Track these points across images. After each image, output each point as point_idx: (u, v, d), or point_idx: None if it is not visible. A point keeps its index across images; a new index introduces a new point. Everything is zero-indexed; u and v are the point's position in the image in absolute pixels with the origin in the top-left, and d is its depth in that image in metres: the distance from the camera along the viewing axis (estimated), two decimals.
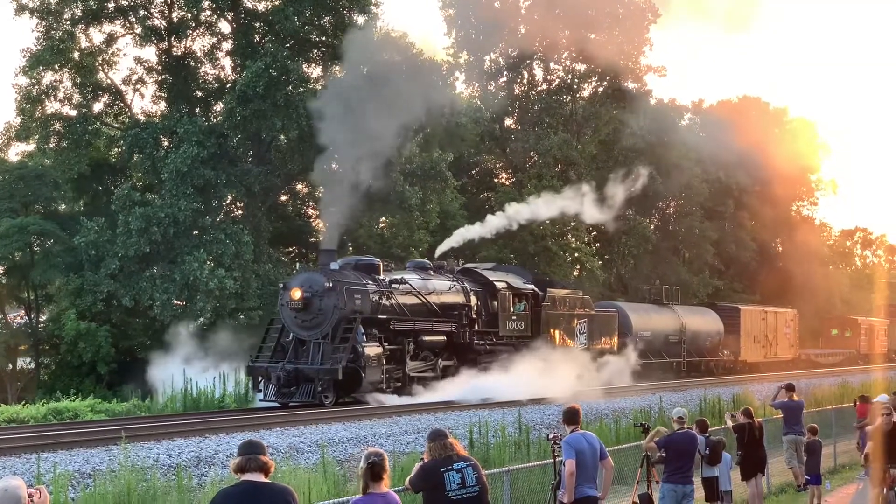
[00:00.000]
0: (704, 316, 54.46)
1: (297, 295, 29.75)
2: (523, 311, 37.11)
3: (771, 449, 21.03)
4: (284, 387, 28.99)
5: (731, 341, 55.15)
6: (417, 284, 33.32)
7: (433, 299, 33.55)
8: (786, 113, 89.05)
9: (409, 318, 32.20)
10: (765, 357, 58.41)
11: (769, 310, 61.14)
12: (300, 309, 29.83)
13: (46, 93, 45.65)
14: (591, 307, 41.49)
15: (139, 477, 16.27)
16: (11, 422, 28.33)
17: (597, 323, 41.31)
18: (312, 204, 54.29)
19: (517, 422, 24.44)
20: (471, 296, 35.12)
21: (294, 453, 19.43)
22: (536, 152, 61.46)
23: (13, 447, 18.66)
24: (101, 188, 49.15)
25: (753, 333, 57.32)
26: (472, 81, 63.57)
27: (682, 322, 51.01)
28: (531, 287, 38.02)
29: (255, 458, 7.37)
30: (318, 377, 28.75)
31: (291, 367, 29.13)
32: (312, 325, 29.91)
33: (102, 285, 41.97)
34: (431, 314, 33.31)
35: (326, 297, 29.74)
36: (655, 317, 49.76)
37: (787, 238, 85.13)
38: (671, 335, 50.11)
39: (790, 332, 62.70)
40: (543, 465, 15.34)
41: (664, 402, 30.16)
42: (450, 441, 9.24)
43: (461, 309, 34.24)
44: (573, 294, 40.80)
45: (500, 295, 36.09)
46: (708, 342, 53.61)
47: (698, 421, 17.55)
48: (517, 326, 36.68)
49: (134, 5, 46.84)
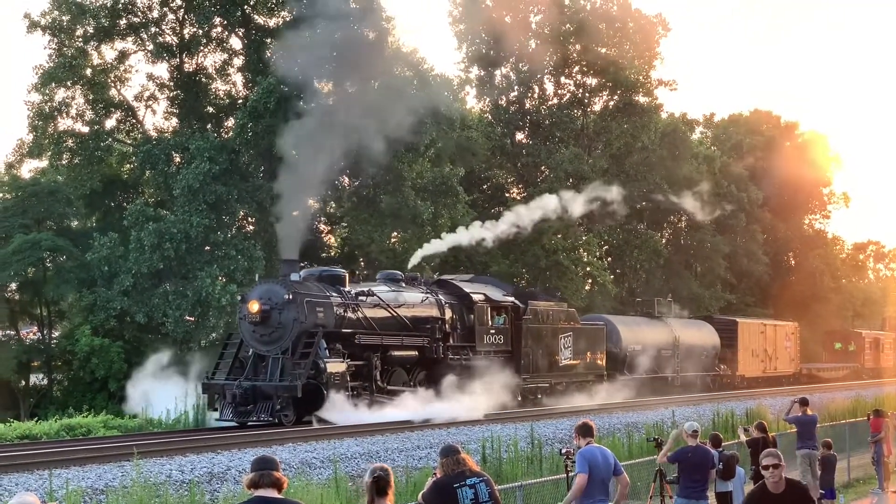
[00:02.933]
0: (700, 329, 52.47)
1: (255, 308, 28.03)
2: (502, 324, 35.40)
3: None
4: (241, 405, 27.33)
5: (728, 355, 53.42)
6: (387, 297, 31.67)
7: (404, 312, 31.82)
8: (797, 126, 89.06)
9: (376, 332, 30.44)
10: (763, 372, 56.88)
11: (768, 323, 59.87)
12: (258, 322, 28.10)
13: (59, 109, 45.88)
14: (576, 320, 40.00)
15: (152, 493, 16.26)
16: (24, 438, 28.34)
17: (583, 337, 39.72)
18: (324, 219, 54.37)
19: (529, 436, 24.38)
20: (445, 308, 33.46)
21: (306, 469, 19.41)
22: (547, 166, 61.51)
23: (26, 463, 18.67)
24: (114, 204, 49.30)
25: (752, 347, 55.62)
26: (483, 96, 63.65)
27: (675, 335, 48.88)
28: (511, 300, 36.36)
29: (268, 473, 7.36)
30: (277, 394, 27.04)
31: (249, 385, 27.48)
32: (272, 340, 28.20)
33: (115, 301, 42.07)
34: (402, 328, 31.58)
35: (286, 310, 28.04)
36: (647, 330, 47.68)
37: (799, 251, 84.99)
38: (664, 349, 47.84)
39: (791, 346, 61.19)
40: (556, 479, 15.29)
41: (677, 416, 30.08)
42: (462, 456, 9.21)
43: (434, 322, 32.49)
44: (557, 307, 39.19)
45: (476, 308, 34.40)
46: (703, 356, 51.38)
47: (711, 435, 17.50)
48: (496, 341, 34.99)
49: (146, 22, 47.05)
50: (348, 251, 52.70)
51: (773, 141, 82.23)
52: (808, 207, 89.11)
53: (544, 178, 61.36)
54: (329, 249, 54.48)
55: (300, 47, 40.28)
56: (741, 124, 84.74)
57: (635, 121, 62.29)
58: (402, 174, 48.08)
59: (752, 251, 76.38)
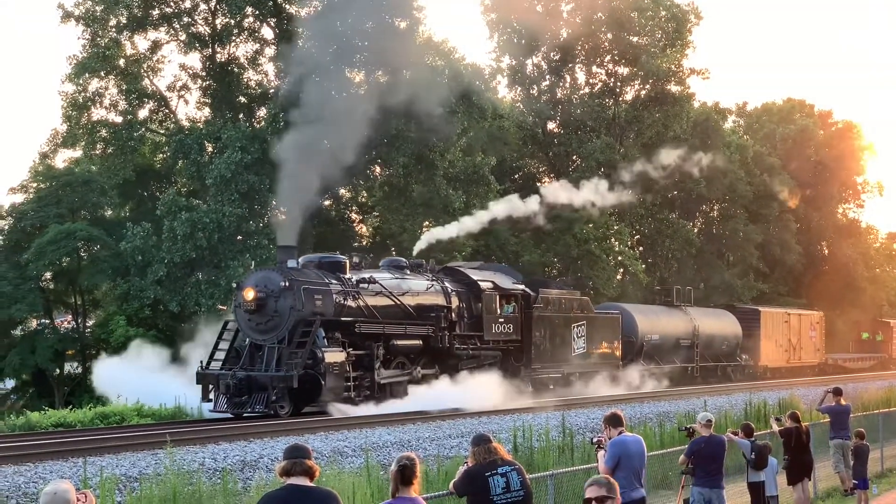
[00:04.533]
0: (720, 318, 51.45)
1: (251, 295, 27.14)
2: (512, 313, 34.31)
3: (817, 453, 20.87)
4: (235, 395, 26.48)
5: (750, 345, 52.42)
6: (389, 284, 30.66)
7: (407, 300, 30.84)
8: (831, 115, 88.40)
9: (378, 320, 29.47)
10: (787, 362, 55.75)
11: (793, 312, 58.78)
12: (254, 311, 27.24)
13: (92, 100, 46.13)
14: (589, 309, 39.08)
15: (185, 480, 16.35)
16: (59, 426, 28.52)
17: (597, 326, 38.74)
18: (355, 208, 54.45)
19: (561, 426, 24.36)
20: (452, 296, 32.42)
21: (338, 457, 19.47)
22: (579, 156, 61.38)
23: (61, 451, 18.81)
24: (147, 194, 49.58)
25: (775, 337, 54.62)
26: (515, 85, 63.54)
27: (694, 325, 47.92)
28: (521, 287, 35.31)
29: (300, 462, 7.39)
30: (272, 385, 26.20)
31: (243, 375, 26.63)
32: (267, 329, 27.34)
33: (148, 291, 42.32)
34: (405, 316, 30.59)
35: (282, 298, 27.16)
36: (665, 319, 46.67)
37: (832, 241, 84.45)
38: (682, 339, 46.92)
39: (816, 336, 60.00)
40: (587, 468, 15.27)
41: (709, 406, 29.97)
42: (494, 445, 9.22)
43: (440, 311, 31.54)
44: (570, 295, 38.21)
45: (484, 296, 33.31)
46: (724, 346, 50.45)
47: (743, 425, 17.44)
48: (505, 330, 33.92)
49: (178, 12, 47.21)
50: (380, 240, 52.77)
51: (806, 130, 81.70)
52: (842, 196, 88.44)
53: (576, 168, 61.24)
54: (360, 239, 54.58)
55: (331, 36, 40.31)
56: (774, 113, 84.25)
57: (667, 110, 62.03)
58: (434, 163, 48.11)
59: (784, 240, 75.91)
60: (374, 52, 45.28)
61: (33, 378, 46.31)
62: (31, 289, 43.68)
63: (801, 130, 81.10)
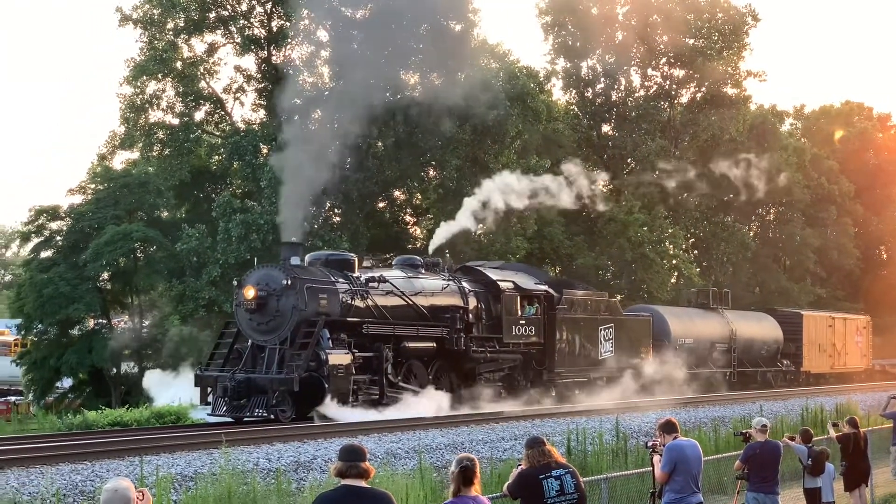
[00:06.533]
0: (760, 322, 49.20)
1: (251, 294, 25.94)
2: (533, 315, 32.58)
3: (875, 460, 20.62)
4: (234, 399, 25.15)
5: (792, 350, 50.16)
6: (401, 283, 29.11)
7: (420, 301, 29.27)
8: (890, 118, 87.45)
9: (388, 321, 27.93)
10: (831, 368, 53.36)
11: (837, 316, 56.48)
12: (254, 310, 25.97)
13: (150, 102, 46.63)
14: (618, 311, 37.42)
15: (240, 480, 16.44)
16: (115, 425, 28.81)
17: (626, 329, 36.95)
18: (410, 210, 54.52)
19: (615, 429, 24.25)
20: (469, 297, 30.78)
21: (392, 459, 19.50)
22: (634, 159, 61.10)
23: (117, 450, 18.95)
24: (202, 195, 49.99)
25: (818, 342, 52.19)
26: (569, 88, 63.35)
27: (732, 328, 45.64)
28: (543, 288, 33.55)
29: (355, 464, 7.44)
30: (273, 388, 24.85)
31: (242, 377, 25.29)
32: (269, 329, 26.03)
33: (203, 291, 42.62)
34: (418, 317, 29.07)
35: (285, 297, 25.88)
36: (700, 322, 44.47)
37: (892, 245, 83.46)
38: (719, 343, 44.73)
39: (862, 341, 57.50)
40: (641, 472, 15.21)
41: (765, 412, 29.69)
42: (547, 448, 9.21)
43: (455, 312, 29.89)
44: (597, 297, 36.52)
45: (504, 297, 31.60)
46: (763, 351, 48.24)
47: (802, 430, 17.29)
48: (526, 332, 32.15)
49: (234, 15, 47.58)
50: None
51: (865, 133, 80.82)
52: None
53: (630, 171, 60.97)
54: (415, 241, 54.66)
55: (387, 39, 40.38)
56: (832, 116, 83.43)
57: (723, 112, 61.57)
58: (488, 166, 48.06)
59: (842, 244, 75.05)
60: (428, 54, 45.41)
61: (90, 377, 46.86)
62: (88, 289, 44.22)
63: (860, 133, 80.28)
